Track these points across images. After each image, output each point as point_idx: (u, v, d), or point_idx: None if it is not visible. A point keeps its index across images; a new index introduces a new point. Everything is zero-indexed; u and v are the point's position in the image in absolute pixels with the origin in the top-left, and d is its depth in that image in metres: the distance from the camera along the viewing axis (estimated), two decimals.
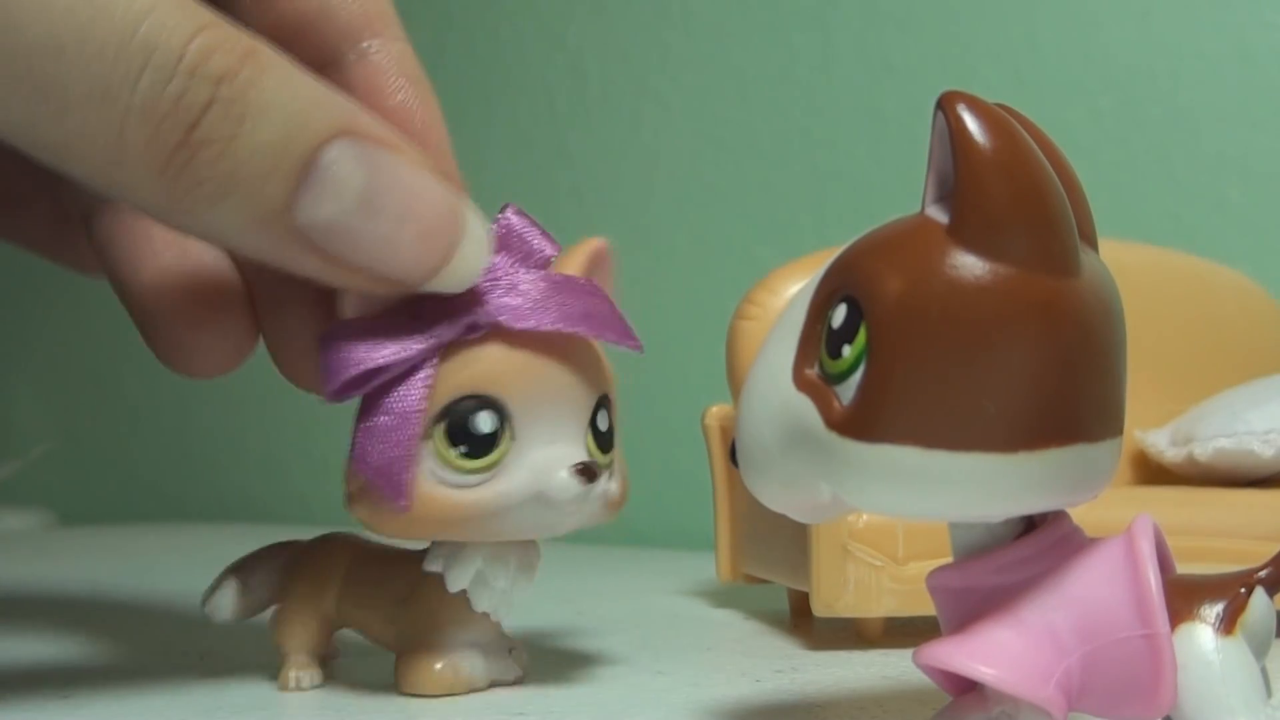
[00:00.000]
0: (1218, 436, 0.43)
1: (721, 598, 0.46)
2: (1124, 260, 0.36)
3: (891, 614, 0.35)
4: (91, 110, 0.22)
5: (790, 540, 0.37)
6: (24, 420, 1.09)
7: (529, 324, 0.26)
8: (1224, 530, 0.36)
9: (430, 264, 0.25)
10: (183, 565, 0.59)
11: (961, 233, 0.20)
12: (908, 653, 0.22)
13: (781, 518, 0.23)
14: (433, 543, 0.28)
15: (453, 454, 0.26)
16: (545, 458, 0.26)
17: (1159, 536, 0.21)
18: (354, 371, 0.26)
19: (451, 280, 0.26)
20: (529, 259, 0.27)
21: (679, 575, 0.53)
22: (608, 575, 0.54)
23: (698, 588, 0.49)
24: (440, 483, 0.26)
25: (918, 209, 0.21)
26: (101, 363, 1.02)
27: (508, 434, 0.26)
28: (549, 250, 0.27)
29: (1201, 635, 0.20)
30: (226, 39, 0.23)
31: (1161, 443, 0.45)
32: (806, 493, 0.22)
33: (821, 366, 0.21)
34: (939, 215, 0.21)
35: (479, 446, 0.26)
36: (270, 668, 0.31)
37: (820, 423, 0.21)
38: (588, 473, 0.26)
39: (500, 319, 0.26)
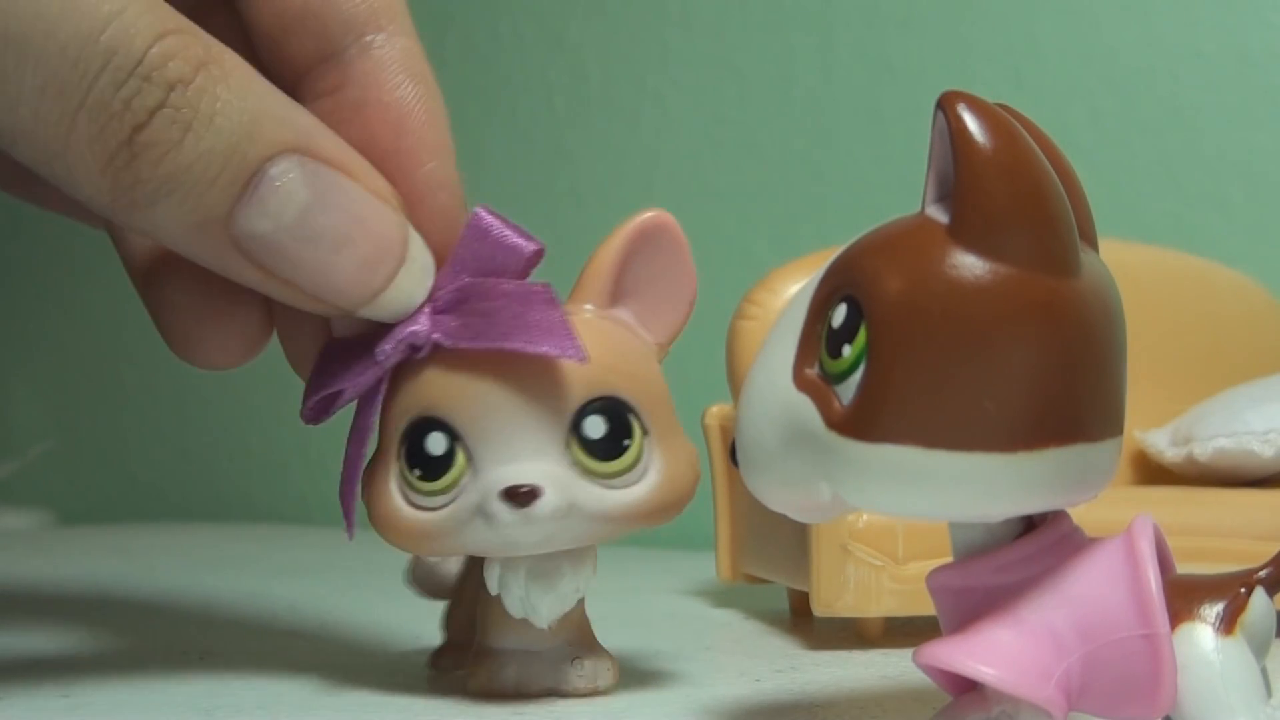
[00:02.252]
0: (1218, 436, 0.43)
1: (721, 598, 0.46)
2: (1124, 260, 0.36)
3: (891, 614, 0.35)
4: (44, 104, 0.22)
5: (790, 540, 0.37)
6: (24, 420, 1.09)
7: (461, 343, 0.26)
8: (1224, 530, 0.36)
9: (365, 291, 0.25)
10: (183, 565, 0.59)
11: (961, 233, 0.20)
12: (908, 653, 0.22)
13: (781, 518, 0.23)
14: None
15: (411, 476, 0.26)
16: (494, 478, 0.25)
17: (1159, 536, 0.21)
18: (317, 395, 0.27)
19: (386, 309, 0.26)
20: (500, 260, 0.26)
21: (679, 575, 0.53)
22: (608, 575, 0.54)
23: (698, 588, 0.49)
24: (407, 503, 0.26)
25: (918, 209, 0.21)
26: (101, 363, 1.02)
27: (461, 454, 0.26)
28: (528, 248, 0.27)
29: (1201, 635, 0.20)
30: (187, 45, 0.23)
31: (1161, 443, 0.45)
32: (806, 493, 0.22)
33: (821, 366, 0.21)
34: (939, 215, 0.21)
35: (432, 469, 0.26)
36: (271, 667, 0.31)
37: (820, 422, 0.21)
38: (524, 496, 0.25)
39: (434, 338, 0.26)
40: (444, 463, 0.26)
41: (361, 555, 0.32)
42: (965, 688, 0.22)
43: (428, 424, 0.26)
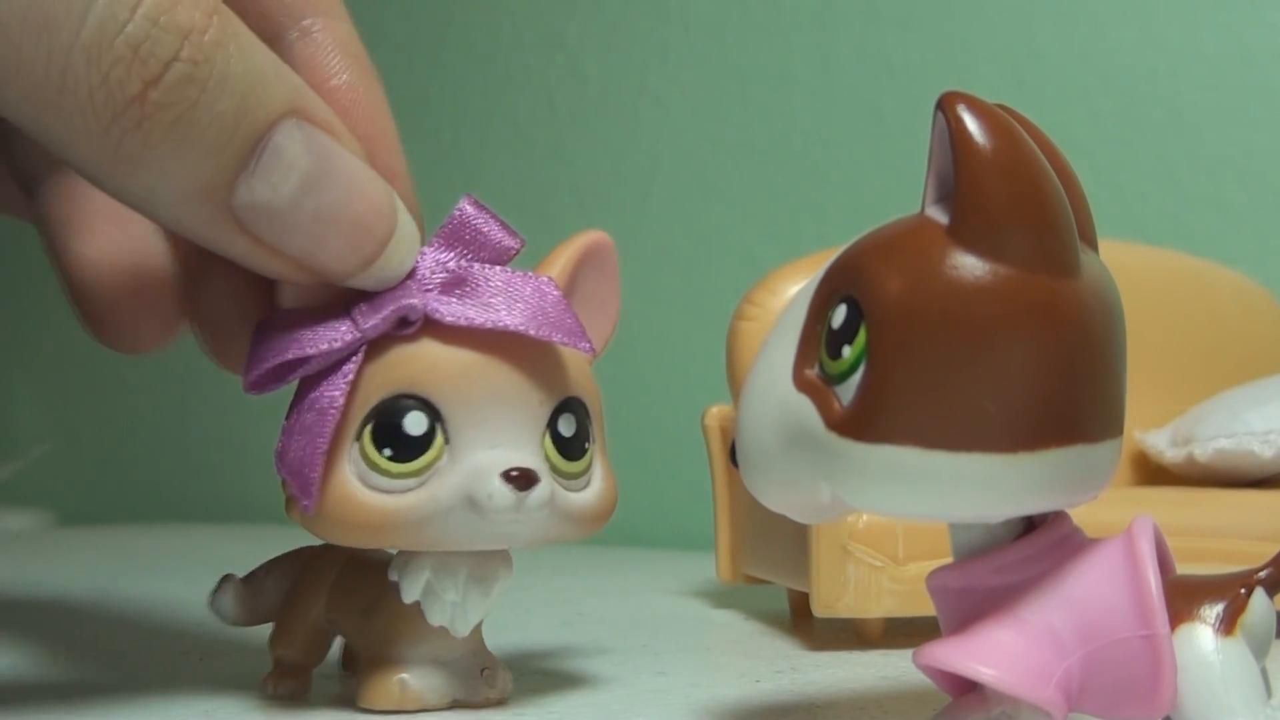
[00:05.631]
0: (1218, 437, 0.43)
1: (721, 598, 0.46)
2: (1124, 260, 0.36)
3: (891, 614, 0.35)
4: (28, 40, 0.20)
5: (790, 540, 0.37)
6: (24, 420, 1.09)
7: (464, 319, 0.25)
8: (1224, 530, 0.36)
9: (359, 259, 0.24)
10: (183, 565, 0.59)
11: (961, 233, 0.20)
12: (908, 653, 0.22)
13: (781, 518, 0.23)
14: (397, 551, 0.27)
15: (379, 457, 0.24)
16: (480, 462, 0.24)
17: (1159, 537, 0.21)
18: (272, 362, 0.25)
19: (377, 277, 0.25)
20: (483, 252, 0.26)
21: (679, 575, 0.53)
22: (608, 575, 0.54)
23: (698, 588, 0.49)
24: (367, 486, 0.25)
25: (918, 209, 0.21)
26: (101, 363, 1.02)
27: (441, 437, 0.25)
28: (509, 243, 0.26)
29: (1201, 636, 0.20)
30: None
31: (1161, 443, 0.45)
32: (806, 493, 0.22)
33: (821, 367, 0.21)
34: (939, 215, 0.21)
35: (407, 449, 0.24)
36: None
37: (820, 423, 0.21)
38: (523, 479, 0.24)
39: (433, 313, 0.25)
40: (421, 443, 0.24)
41: None
42: (965, 688, 0.22)
43: (407, 401, 0.25)
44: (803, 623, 0.40)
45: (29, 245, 0.33)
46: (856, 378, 0.20)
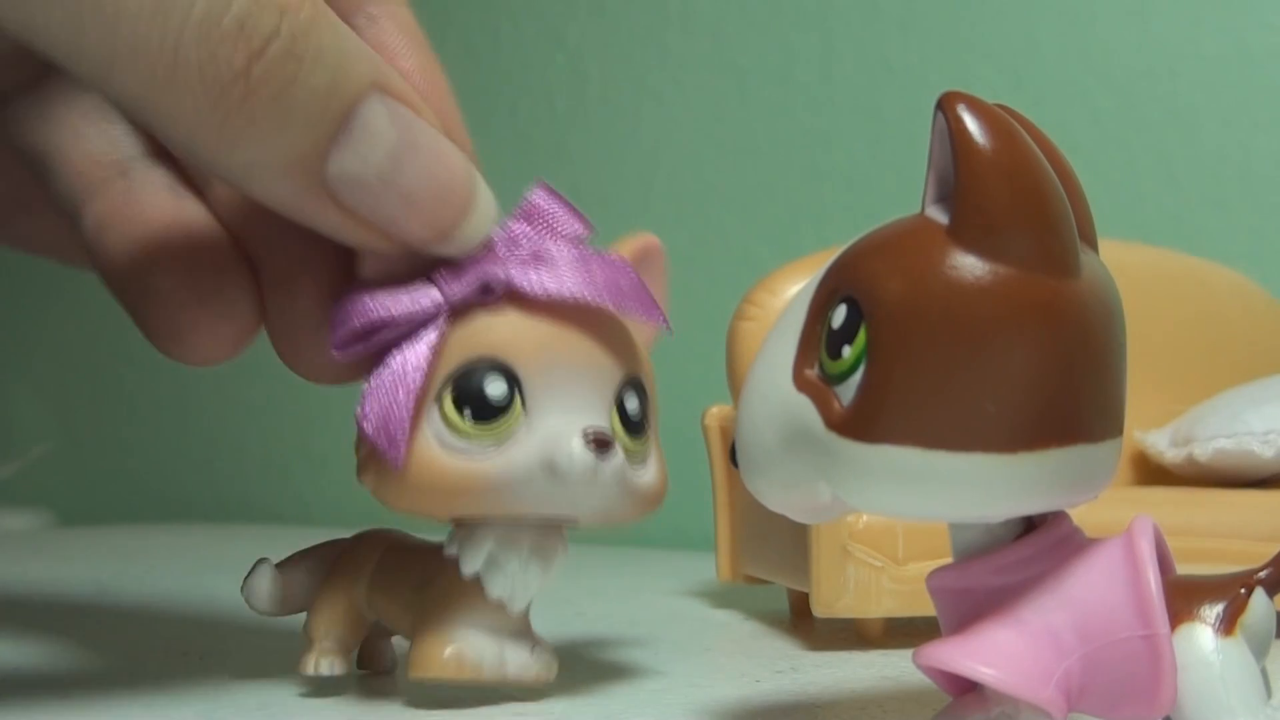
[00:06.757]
0: (1217, 437, 0.43)
1: (721, 598, 0.46)
2: (1124, 260, 0.36)
3: (891, 614, 0.35)
4: (144, 23, 0.21)
5: (790, 540, 0.37)
6: (24, 420, 1.09)
7: (545, 290, 0.26)
8: (1224, 531, 0.36)
9: (442, 226, 0.25)
10: (183, 565, 0.59)
11: (961, 233, 0.20)
12: (908, 653, 0.22)
13: (781, 518, 0.23)
14: (452, 526, 0.27)
15: (459, 418, 0.25)
16: (558, 426, 0.25)
17: (1159, 537, 0.21)
18: (357, 322, 0.26)
19: (458, 244, 0.26)
20: (555, 236, 0.27)
21: (679, 575, 0.53)
22: (608, 575, 0.54)
23: (698, 588, 0.49)
24: (446, 449, 0.25)
25: (918, 209, 0.21)
26: (101, 363, 1.02)
27: (518, 402, 0.25)
28: (579, 227, 0.27)
29: (1201, 636, 0.20)
30: None
31: (1161, 443, 0.45)
32: (806, 493, 0.22)
33: (821, 367, 0.21)
34: (939, 216, 0.21)
35: (488, 412, 0.25)
36: (271, 668, 0.31)
37: (820, 423, 0.21)
38: (600, 441, 0.25)
39: (516, 283, 0.26)
40: (500, 407, 0.25)
41: None
42: (965, 688, 0.22)
43: (488, 366, 0.25)
44: (803, 623, 0.40)
45: None
46: (856, 378, 0.20)
